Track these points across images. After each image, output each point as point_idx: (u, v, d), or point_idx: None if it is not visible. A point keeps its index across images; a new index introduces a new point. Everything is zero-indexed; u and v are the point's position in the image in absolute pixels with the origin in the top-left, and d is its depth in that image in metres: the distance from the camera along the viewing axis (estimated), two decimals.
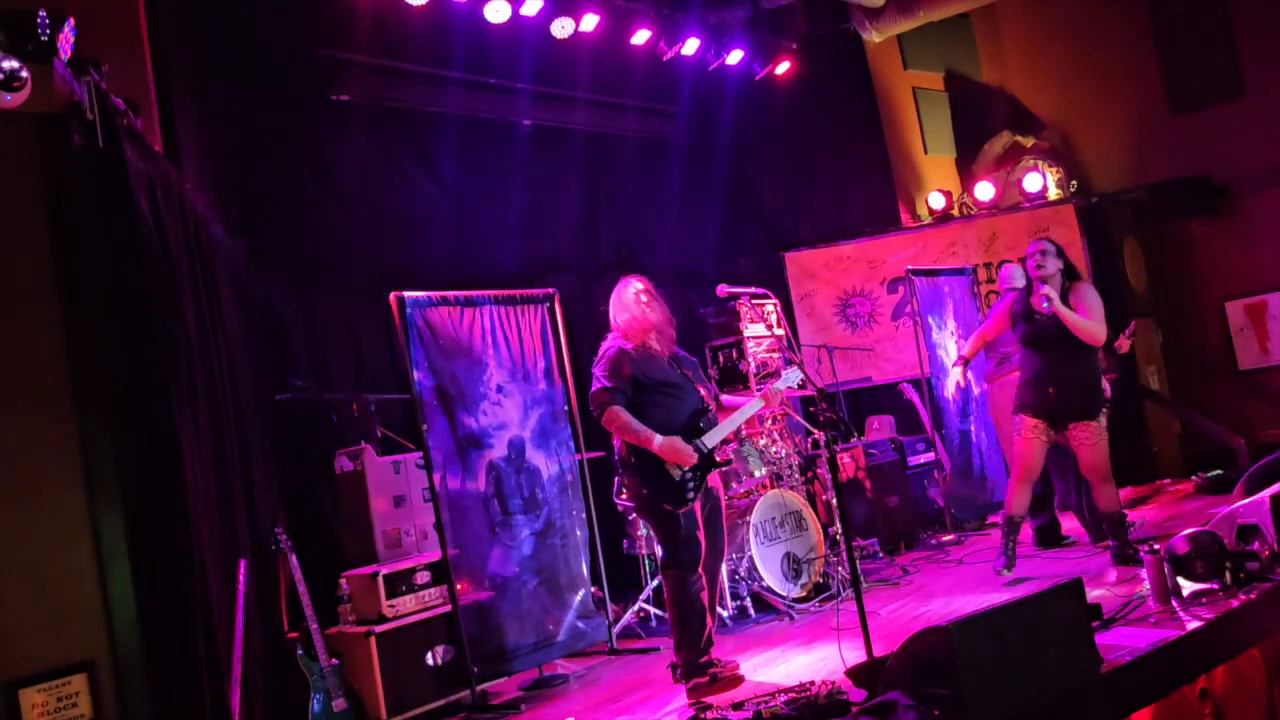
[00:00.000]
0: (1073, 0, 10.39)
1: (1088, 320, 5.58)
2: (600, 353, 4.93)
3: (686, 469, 4.72)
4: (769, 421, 7.40)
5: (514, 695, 5.35)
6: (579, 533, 5.89)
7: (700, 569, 4.79)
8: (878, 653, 4.16)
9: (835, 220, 9.49)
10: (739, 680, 4.67)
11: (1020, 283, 6.04)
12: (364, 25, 6.58)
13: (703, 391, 4.96)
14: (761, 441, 6.92)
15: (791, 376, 5.09)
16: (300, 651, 4.78)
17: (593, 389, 4.83)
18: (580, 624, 5.74)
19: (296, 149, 6.58)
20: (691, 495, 4.75)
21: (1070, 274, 5.74)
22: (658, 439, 4.68)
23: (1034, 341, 5.75)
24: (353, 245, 6.83)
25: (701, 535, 4.81)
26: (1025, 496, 5.90)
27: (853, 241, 9.33)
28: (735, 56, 8.29)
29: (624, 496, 5.06)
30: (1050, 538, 6.67)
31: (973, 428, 8.19)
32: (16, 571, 3.59)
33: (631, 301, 4.97)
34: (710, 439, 4.82)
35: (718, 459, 4.89)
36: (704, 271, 8.77)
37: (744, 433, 6.74)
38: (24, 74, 3.63)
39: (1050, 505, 6.75)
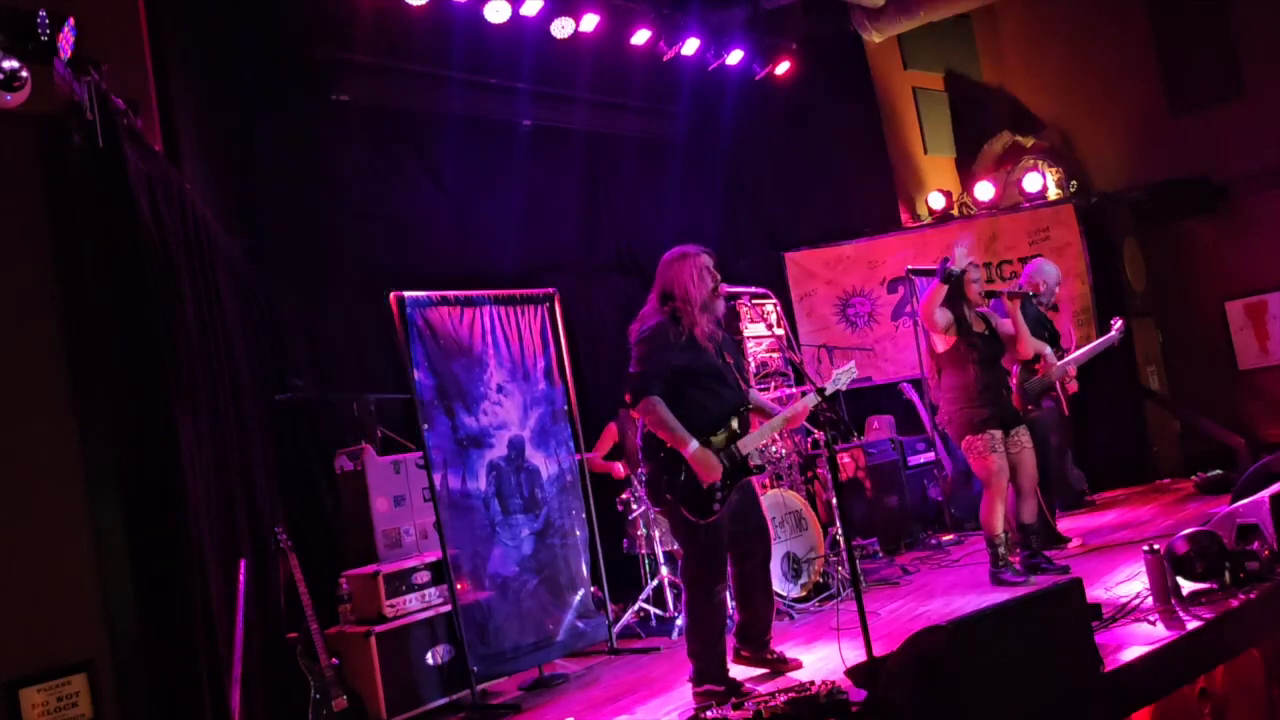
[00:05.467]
0: (1073, 0, 10.39)
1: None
2: (641, 330, 4.56)
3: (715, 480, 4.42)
4: None
5: (514, 695, 5.35)
6: (579, 532, 5.90)
7: (724, 581, 4.56)
8: (878, 653, 4.16)
9: (835, 220, 9.49)
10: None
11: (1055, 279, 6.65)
12: (364, 25, 6.58)
13: (740, 383, 4.69)
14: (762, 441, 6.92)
15: (811, 398, 4.76)
16: (300, 651, 4.78)
17: (632, 370, 4.50)
18: (580, 624, 5.75)
19: (296, 149, 6.58)
20: (718, 507, 4.43)
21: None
22: (693, 445, 4.36)
23: (991, 356, 5.87)
24: (353, 245, 6.83)
25: (726, 548, 4.54)
26: (1002, 512, 5.86)
27: (853, 241, 9.33)
28: (735, 56, 8.29)
29: (645, 493, 4.77)
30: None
31: None
32: (16, 571, 3.59)
33: (700, 279, 4.58)
34: (745, 445, 4.55)
35: (751, 465, 4.57)
36: None
37: None
38: (24, 74, 3.62)
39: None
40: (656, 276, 4.71)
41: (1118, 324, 6.91)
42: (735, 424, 4.58)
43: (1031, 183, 9.43)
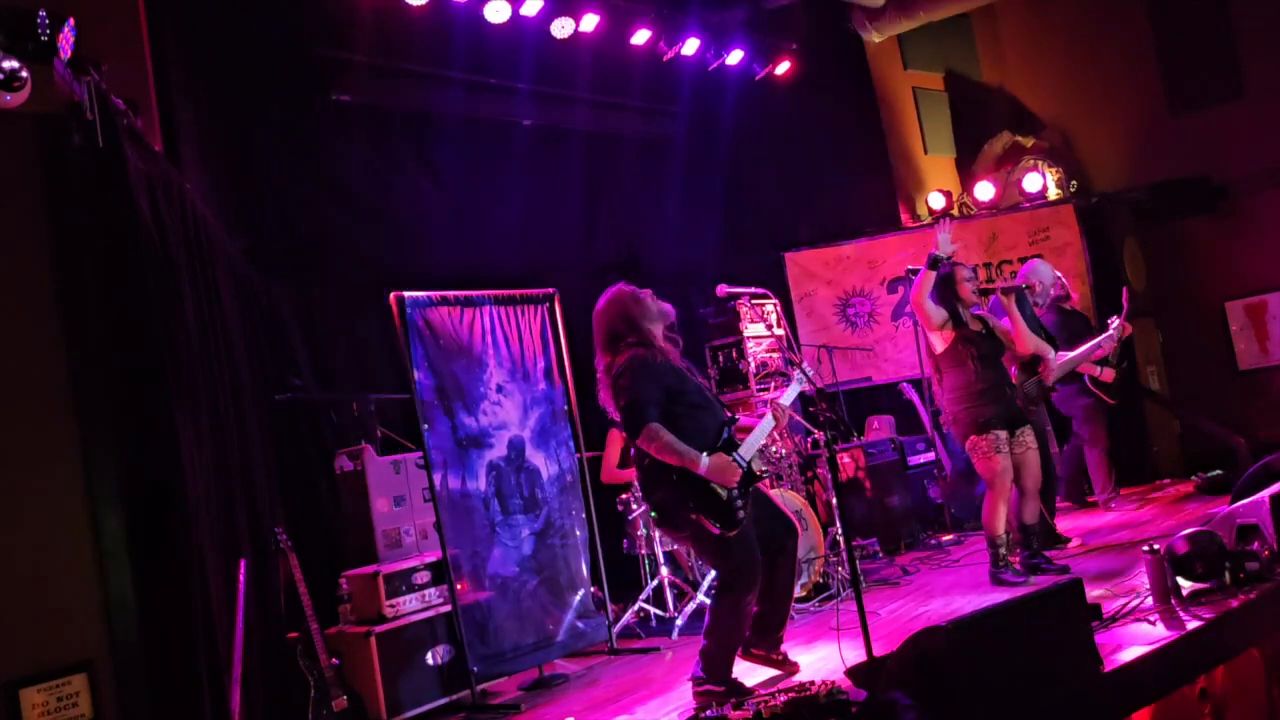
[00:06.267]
0: (1073, 0, 10.39)
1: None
2: (619, 365, 4.48)
3: (734, 488, 4.39)
4: None
5: (514, 695, 5.35)
6: (579, 532, 5.90)
7: (755, 591, 4.50)
8: (878, 653, 4.16)
9: (835, 220, 9.50)
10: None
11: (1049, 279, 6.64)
12: (364, 25, 6.59)
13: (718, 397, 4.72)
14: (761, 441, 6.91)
15: (793, 391, 4.92)
16: (300, 651, 4.78)
17: (623, 402, 4.40)
18: (580, 624, 5.75)
19: (296, 149, 6.58)
20: (741, 516, 4.38)
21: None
22: (704, 460, 4.31)
23: (990, 354, 5.86)
24: (353, 245, 6.84)
25: (758, 555, 4.49)
26: (1004, 513, 5.85)
27: (853, 241, 9.33)
28: (735, 56, 8.30)
29: (660, 523, 4.66)
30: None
31: None
32: (17, 571, 3.59)
33: (638, 304, 4.60)
34: (746, 453, 4.51)
35: (756, 471, 4.55)
36: (704, 271, 8.77)
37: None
38: (24, 74, 3.62)
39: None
40: (596, 330, 4.65)
41: (1114, 323, 6.94)
42: (731, 437, 4.55)
43: (1031, 183, 9.43)
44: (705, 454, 4.36)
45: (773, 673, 4.76)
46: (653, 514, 4.58)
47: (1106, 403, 7.42)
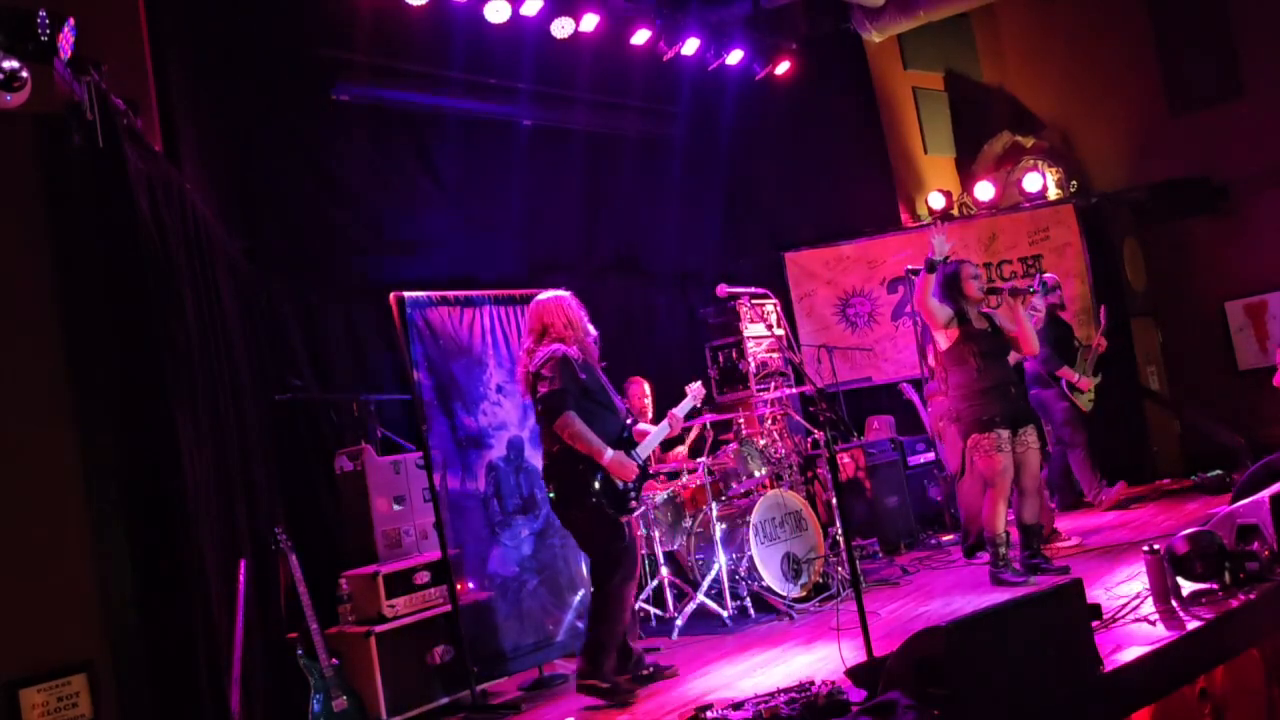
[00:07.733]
0: (1073, 0, 10.39)
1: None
2: (543, 356, 4.87)
3: (629, 481, 4.90)
4: (769, 421, 7.41)
5: (514, 695, 5.35)
6: None
7: (635, 578, 4.95)
8: (878, 653, 4.16)
9: (835, 220, 9.49)
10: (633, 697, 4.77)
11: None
12: (364, 25, 6.59)
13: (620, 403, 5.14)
14: (761, 441, 6.92)
15: (685, 404, 5.39)
16: (300, 651, 4.78)
17: (543, 391, 4.82)
18: (580, 624, 5.74)
19: (296, 149, 6.59)
20: (634, 505, 4.93)
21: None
22: (609, 453, 4.78)
23: (993, 351, 5.86)
24: (353, 245, 6.84)
25: (639, 545, 4.99)
26: (1004, 512, 5.85)
27: (853, 241, 9.33)
28: (735, 56, 8.29)
29: (559, 503, 5.06)
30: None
31: None
32: (16, 571, 3.59)
33: (576, 310, 5.02)
34: (643, 451, 5.02)
35: (650, 470, 5.09)
36: (704, 271, 8.79)
37: (744, 432, 6.75)
38: (24, 74, 3.62)
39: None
40: (532, 318, 5.07)
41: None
42: (630, 436, 5.00)
43: (1031, 183, 9.43)
44: (609, 449, 4.81)
45: (770, 674, 4.76)
46: (551, 494, 4.99)
47: (1082, 409, 7.49)
